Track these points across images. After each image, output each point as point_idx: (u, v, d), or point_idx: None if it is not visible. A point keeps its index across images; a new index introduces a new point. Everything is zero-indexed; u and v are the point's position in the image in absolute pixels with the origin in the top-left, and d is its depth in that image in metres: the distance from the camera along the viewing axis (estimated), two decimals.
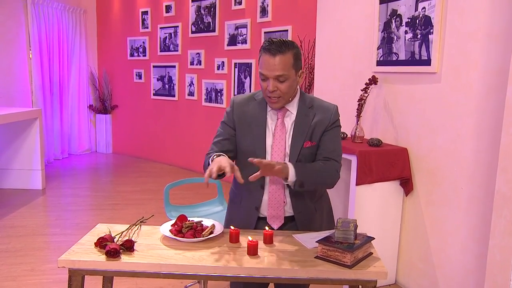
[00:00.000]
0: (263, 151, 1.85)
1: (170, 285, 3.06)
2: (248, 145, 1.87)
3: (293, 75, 1.77)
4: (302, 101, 1.88)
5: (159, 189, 5.42)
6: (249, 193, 1.90)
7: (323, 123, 1.86)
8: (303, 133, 1.84)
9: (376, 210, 2.98)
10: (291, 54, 1.74)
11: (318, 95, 3.97)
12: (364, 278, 1.53)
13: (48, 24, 6.72)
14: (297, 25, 4.91)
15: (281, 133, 1.84)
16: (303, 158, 1.83)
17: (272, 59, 1.72)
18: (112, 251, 1.55)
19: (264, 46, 1.75)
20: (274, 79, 1.74)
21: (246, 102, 1.92)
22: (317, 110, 1.87)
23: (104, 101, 7.72)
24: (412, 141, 2.98)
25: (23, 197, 5.02)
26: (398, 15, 3.03)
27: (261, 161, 1.64)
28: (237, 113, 1.90)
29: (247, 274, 1.53)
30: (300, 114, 1.86)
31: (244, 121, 1.89)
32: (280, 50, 1.71)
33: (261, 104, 1.89)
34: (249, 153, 1.84)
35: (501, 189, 2.06)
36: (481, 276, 2.45)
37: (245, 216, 1.91)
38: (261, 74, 1.76)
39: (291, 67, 1.75)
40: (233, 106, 1.92)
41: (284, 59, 1.72)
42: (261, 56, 1.76)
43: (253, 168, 1.80)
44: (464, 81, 2.58)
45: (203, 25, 6.18)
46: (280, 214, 1.88)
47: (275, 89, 1.75)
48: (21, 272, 3.20)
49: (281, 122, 1.85)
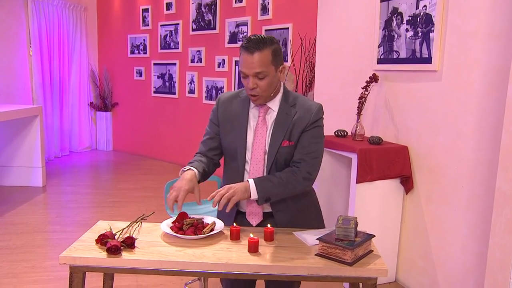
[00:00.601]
0: (243, 148, 1.87)
1: (170, 282, 3.07)
2: (230, 142, 1.90)
3: (272, 72, 1.77)
4: (285, 99, 1.88)
5: (160, 187, 5.42)
6: None
7: (302, 123, 1.84)
8: (282, 132, 1.84)
9: (377, 208, 2.99)
10: (269, 50, 1.74)
11: (318, 93, 3.98)
12: (365, 276, 1.53)
13: (48, 21, 6.71)
14: (298, 23, 4.90)
15: (261, 130, 1.85)
16: (281, 157, 1.84)
17: (250, 57, 1.73)
18: (113, 248, 1.55)
19: (242, 44, 1.76)
20: (253, 76, 1.75)
21: (231, 99, 1.95)
22: (299, 108, 1.86)
23: (104, 98, 7.72)
24: (413, 139, 2.98)
25: (23, 195, 5.03)
26: (399, 13, 3.03)
27: (214, 197, 1.75)
28: (221, 111, 1.94)
29: (248, 271, 1.53)
30: (281, 112, 1.86)
31: (227, 118, 1.92)
32: (258, 47, 1.72)
33: (245, 102, 1.91)
34: (231, 150, 1.89)
35: (501, 188, 2.06)
36: (481, 274, 2.46)
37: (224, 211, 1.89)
38: (241, 72, 1.79)
39: (270, 63, 1.75)
40: (218, 104, 1.96)
41: (262, 56, 1.73)
42: (241, 54, 1.78)
43: (236, 165, 1.88)
44: (465, 79, 2.58)
45: (203, 23, 6.18)
46: (259, 210, 1.89)
47: (255, 86, 1.77)
48: (22, 269, 3.21)
49: (262, 119, 1.86)
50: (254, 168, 1.85)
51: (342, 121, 3.57)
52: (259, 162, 1.85)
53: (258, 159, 1.85)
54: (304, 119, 1.84)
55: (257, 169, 1.85)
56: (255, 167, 1.85)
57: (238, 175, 1.89)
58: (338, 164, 3.46)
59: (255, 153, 1.85)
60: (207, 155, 1.96)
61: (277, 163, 1.85)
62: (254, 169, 1.85)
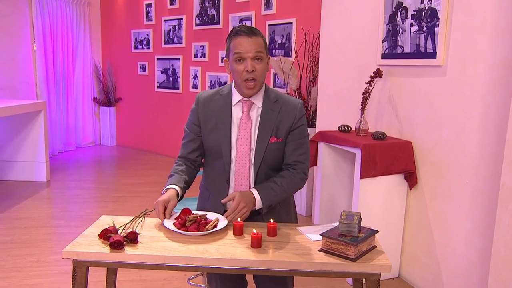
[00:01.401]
0: (228, 145, 1.84)
1: (173, 277, 3.08)
2: (213, 141, 1.86)
3: (265, 58, 1.80)
4: (267, 95, 1.87)
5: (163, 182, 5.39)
6: (216, 188, 1.92)
7: (288, 120, 1.84)
8: (269, 129, 1.83)
9: (380, 203, 2.98)
10: (262, 38, 1.79)
11: (322, 88, 3.97)
12: (368, 271, 1.53)
13: (52, 16, 6.71)
14: (302, 18, 4.88)
15: (246, 126, 1.83)
16: (269, 154, 1.83)
17: (249, 39, 1.74)
18: (116, 242, 1.55)
19: (236, 30, 1.77)
20: (252, 58, 1.74)
21: (210, 97, 1.91)
22: (282, 105, 1.86)
23: (108, 93, 7.73)
24: (417, 134, 2.97)
25: (28, 189, 5.05)
26: (403, 7, 3.00)
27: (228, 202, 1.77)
28: (202, 110, 1.90)
29: (251, 267, 1.53)
30: (266, 108, 1.84)
31: (209, 117, 1.88)
32: (254, 32, 1.76)
33: (226, 98, 1.88)
34: (214, 148, 1.86)
35: (506, 183, 2.05)
36: (485, 270, 2.45)
37: (213, 210, 1.89)
38: (237, 54, 1.75)
39: (264, 49, 1.79)
40: (198, 103, 1.92)
41: (258, 40, 1.76)
42: (234, 39, 1.77)
43: (219, 163, 1.86)
44: (470, 74, 2.56)
45: (207, 18, 6.16)
46: None
47: (253, 69, 1.75)
48: (26, 263, 3.23)
49: (246, 115, 1.84)
50: (239, 165, 1.83)
51: (346, 116, 3.55)
52: (244, 159, 1.83)
53: (243, 156, 1.83)
54: (289, 115, 1.85)
55: (242, 166, 1.83)
56: (241, 163, 1.83)
57: (222, 174, 1.86)
58: (341, 159, 3.45)
59: (240, 149, 1.82)
60: (188, 158, 1.94)
61: (266, 161, 1.83)
62: (239, 166, 1.83)
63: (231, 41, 1.79)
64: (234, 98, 1.87)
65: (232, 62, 1.79)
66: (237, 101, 1.86)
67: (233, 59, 1.78)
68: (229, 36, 1.80)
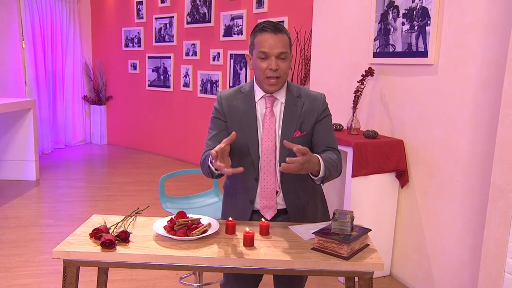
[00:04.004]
0: (256, 142, 1.82)
1: (165, 276, 3.06)
2: (240, 138, 1.82)
3: (290, 56, 1.79)
4: (289, 90, 1.87)
5: (154, 181, 5.40)
6: (244, 187, 1.89)
7: (313, 113, 1.85)
8: (293, 123, 1.82)
9: (372, 202, 2.99)
10: (286, 35, 1.77)
11: (314, 87, 3.97)
12: (361, 270, 1.53)
13: (41, 13, 6.64)
14: (293, 16, 4.88)
15: (270, 122, 1.82)
16: None
17: (274, 37, 1.72)
18: (107, 242, 1.54)
19: (261, 26, 1.75)
20: (277, 57, 1.73)
21: (233, 96, 1.89)
22: (305, 99, 1.86)
23: (98, 92, 7.67)
24: (408, 133, 2.98)
25: (16, 188, 4.99)
26: (395, 6, 3.01)
27: (298, 148, 1.57)
28: (226, 106, 1.88)
29: (243, 266, 1.53)
30: (289, 103, 1.84)
31: (234, 115, 1.86)
32: (279, 29, 1.74)
33: (248, 96, 1.86)
34: (242, 146, 1.83)
35: (496, 181, 2.06)
36: (475, 267, 2.47)
37: (240, 210, 1.89)
38: (262, 52, 1.73)
39: (289, 47, 1.77)
40: (221, 101, 1.89)
41: (284, 38, 1.75)
42: (259, 35, 1.75)
43: (246, 161, 1.81)
44: (460, 73, 2.57)
45: (198, 16, 6.13)
46: (273, 204, 1.86)
47: (277, 67, 1.74)
48: (15, 263, 3.19)
49: (270, 111, 1.83)
50: (265, 161, 1.82)
51: (338, 115, 3.55)
52: (270, 155, 1.82)
53: (268, 152, 1.81)
54: (313, 109, 1.85)
55: (268, 162, 1.82)
56: (266, 160, 1.82)
57: (251, 171, 1.83)
58: None
59: (265, 146, 1.81)
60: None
61: (290, 156, 1.77)
62: (265, 163, 1.82)
63: (255, 37, 1.77)
64: (256, 95, 1.85)
65: (255, 59, 1.77)
66: (260, 97, 1.85)
67: (257, 56, 1.76)
68: (254, 31, 1.78)
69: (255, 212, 1.90)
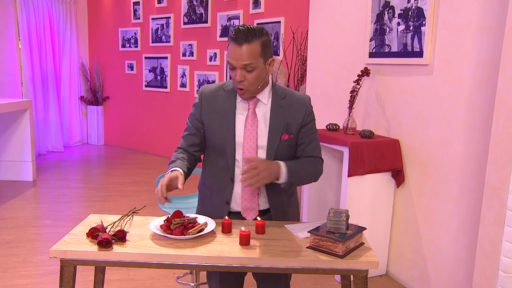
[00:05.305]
0: (233, 143, 1.80)
1: (162, 276, 3.07)
2: (218, 139, 1.82)
3: (261, 64, 1.71)
4: (275, 92, 1.84)
5: (151, 181, 5.40)
6: (219, 187, 1.87)
7: (299, 115, 1.83)
8: (280, 126, 1.80)
9: (368, 201, 3.00)
10: (258, 42, 1.67)
11: (310, 87, 3.98)
12: (356, 268, 1.54)
13: (37, 14, 6.62)
14: (290, 17, 4.89)
15: (252, 123, 1.79)
16: (281, 151, 1.81)
17: (238, 49, 1.66)
18: (104, 241, 1.54)
19: (231, 34, 1.68)
20: (241, 68, 1.68)
21: (214, 93, 1.86)
22: (290, 101, 1.84)
23: (95, 92, 7.66)
24: (404, 132, 3.00)
25: (13, 189, 4.98)
26: (390, 6, 3.03)
27: (253, 160, 1.68)
28: (205, 105, 1.85)
29: (239, 264, 1.53)
30: (275, 105, 1.81)
31: (212, 113, 1.83)
32: (247, 39, 1.65)
33: (231, 95, 1.83)
34: (219, 145, 1.82)
35: (490, 180, 2.08)
36: (470, 266, 2.48)
37: (216, 211, 1.86)
38: (229, 63, 1.72)
39: (259, 56, 1.69)
40: (201, 98, 1.87)
41: (251, 48, 1.66)
42: (229, 44, 1.71)
43: (224, 162, 1.81)
44: (455, 73, 2.59)
45: (195, 16, 6.14)
46: (255, 206, 1.85)
47: (242, 79, 1.70)
48: (12, 264, 3.19)
49: (252, 112, 1.80)
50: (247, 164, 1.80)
51: (334, 114, 3.57)
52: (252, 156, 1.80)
53: (250, 154, 1.79)
54: (299, 111, 1.83)
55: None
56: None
57: (226, 172, 1.82)
58: (329, 157, 3.47)
59: (247, 147, 1.79)
60: (188, 150, 1.88)
61: (277, 158, 1.79)
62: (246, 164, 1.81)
63: (228, 44, 1.73)
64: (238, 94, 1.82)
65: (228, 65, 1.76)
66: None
67: (227, 63, 1.74)
68: (228, 37, 1.74)
69: (232, 213, 1.86)
